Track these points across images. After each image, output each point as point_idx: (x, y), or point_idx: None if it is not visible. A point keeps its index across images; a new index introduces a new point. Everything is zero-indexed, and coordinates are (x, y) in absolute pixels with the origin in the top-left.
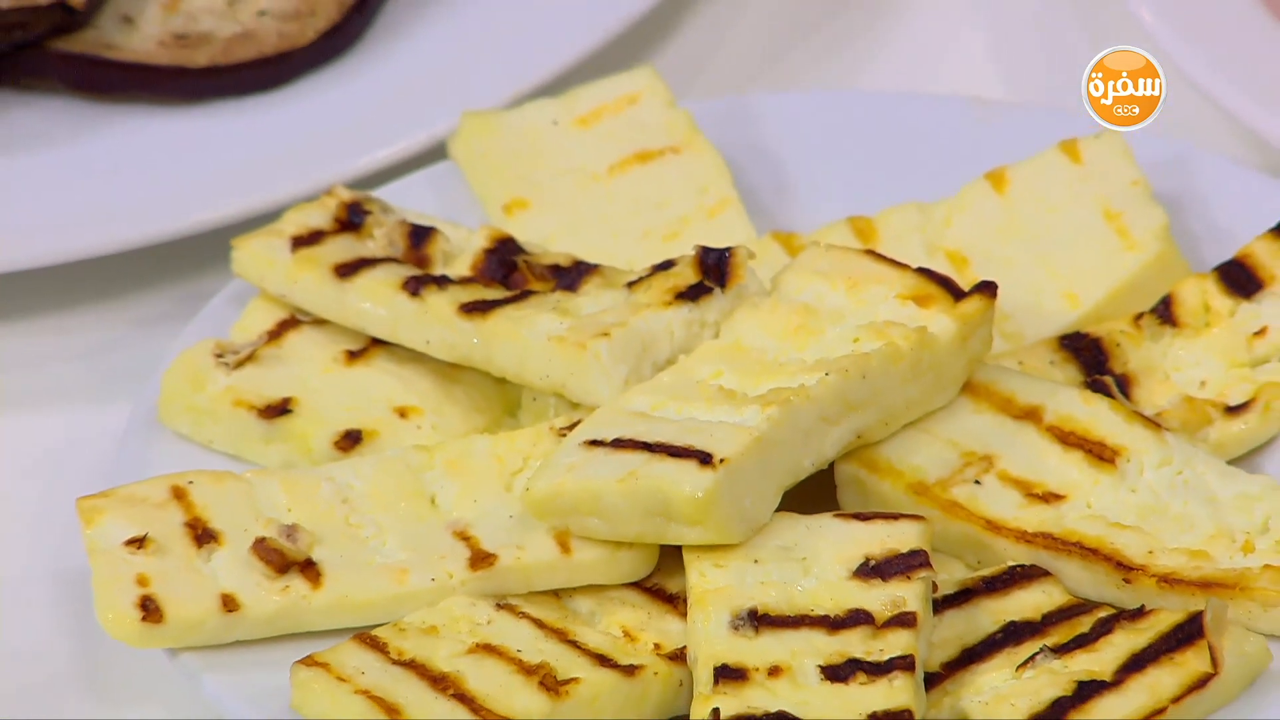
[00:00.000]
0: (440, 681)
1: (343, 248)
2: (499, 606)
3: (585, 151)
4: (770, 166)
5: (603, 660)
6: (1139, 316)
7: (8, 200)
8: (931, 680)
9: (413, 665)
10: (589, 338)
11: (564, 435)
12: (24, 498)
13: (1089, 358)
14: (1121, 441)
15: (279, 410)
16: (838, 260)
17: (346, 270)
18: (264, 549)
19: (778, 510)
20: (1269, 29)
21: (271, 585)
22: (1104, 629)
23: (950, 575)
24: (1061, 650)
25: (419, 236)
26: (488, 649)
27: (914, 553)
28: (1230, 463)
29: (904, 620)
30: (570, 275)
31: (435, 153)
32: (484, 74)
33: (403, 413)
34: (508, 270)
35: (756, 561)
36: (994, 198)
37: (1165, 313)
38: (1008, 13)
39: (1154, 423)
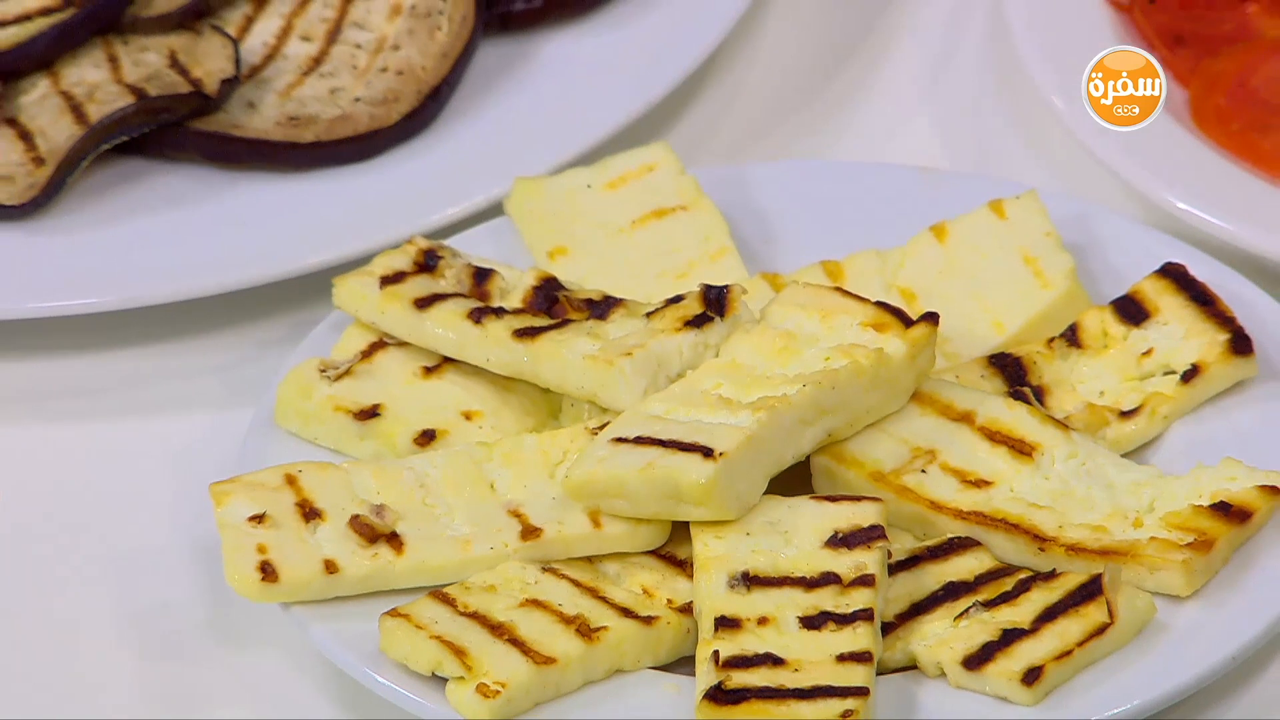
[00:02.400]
0: (498, 629)
1: (420, 285)
2: (544, 570)
3: (612, 209)
4: (759, 221)
5: (626, 612)
6: (1051, 340)
7: (158, 248)
8: (887, 628)
9: (475, 616)
10: (616, 356)
11: (595, 434)
12: (169, 484)
13: (1012, 373)
14: (1038, 439)
15: (370, 414)
16: (813, 295)
17: (423, 303)
18: (358, 524)
19: (765, 493)
20: (1162, 120)
21: (364, 553)
22: (1023, 588)
23: (901, 545)
24: (990, 605)
25: (481, 276)
26: (535, 603)
27: (873, 527)
28: (1123, 456)
29: (865, 581)
30: (601, 307)
31: (494, 210)
32: (532, 148)
33: (468, 416)
34: (551, 303)
35: (748, 534)
36: (936, 246)
37: (1072, 337)
38: (947, 101)
39: (1063, 424)
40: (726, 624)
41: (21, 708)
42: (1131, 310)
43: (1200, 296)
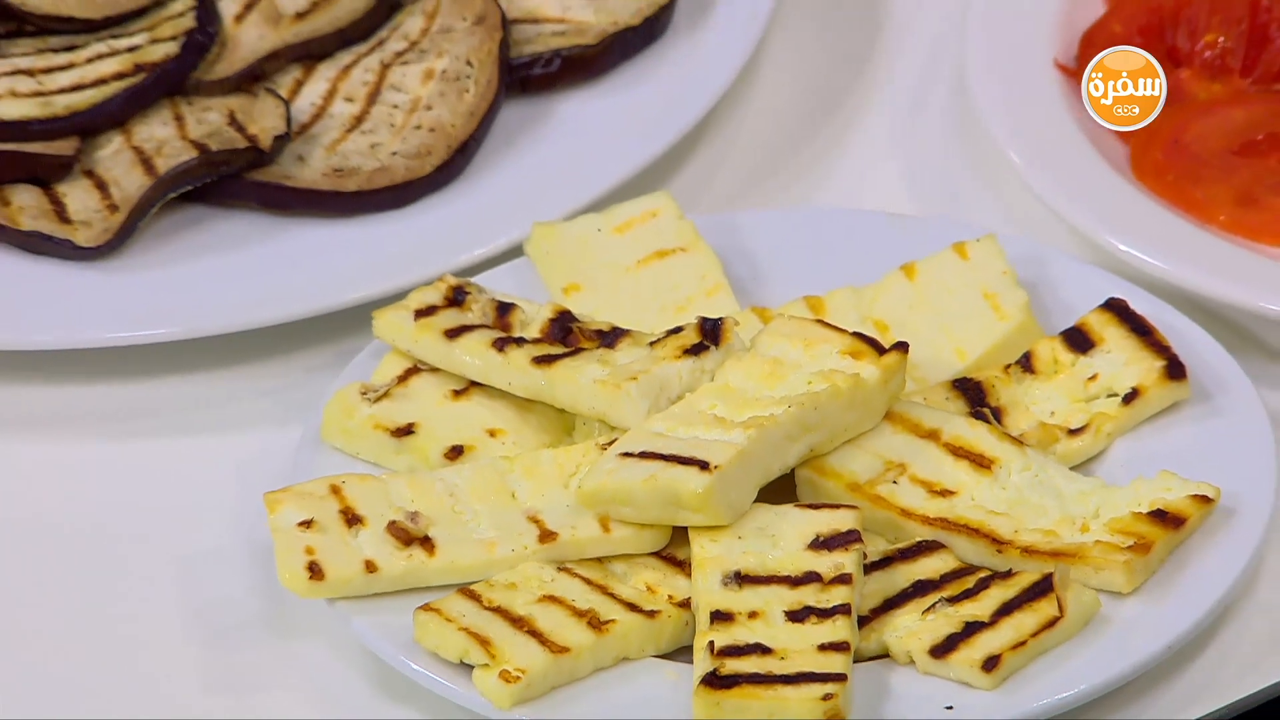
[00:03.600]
0: (518, 622)
1: (450, 318)
2: (559, 569)
3: (620, 251)
4: (749, 262)
5: (632, 607)
6: (1008, 366)
7: (218, 284)
8: (862, 621)
9: (499, 610)
10: (623, 381)
11: (605, 449)
12: (229, 493)
13: (973, 395)
14: (996, 454)
15: (405, 431)
16: (797, 327)
17: (453, 333)
18: (395, 529)
19: (755, 502)
20: (1106, 172)
21: (400, 554)
22: (983, 585)
23: (875, 547)
24: (953, 600)
25: (504, 310)
26: (551, 599)
27: (850, 532)
28: (1071, 469)
29: (843, 579)
30: (610, 337)
31: (515, 252)
32: (548, 197)
33: (492, 433)
34: (565, 334)
35: (740, 538)
36: (906, 283)
37: (1026, 364)
38: (914, 154)
39: (1018, 441)
40: (720, 617)
41: (99, 691)
42: (1079, 340)
43: (1139, 328)
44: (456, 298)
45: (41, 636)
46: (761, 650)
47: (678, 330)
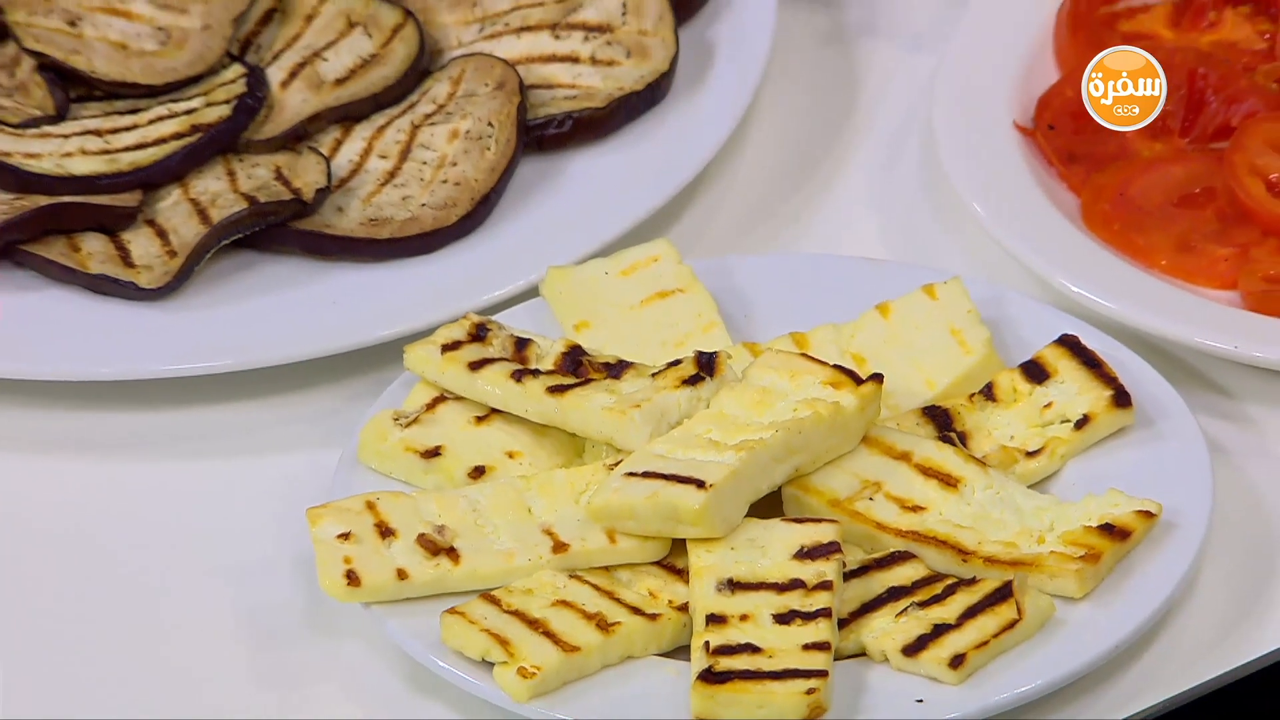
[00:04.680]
0: (534, 624)
1: (473, 352)
2: (571, 577)
3: (625, 291)
4: (741, 301)
5: (636, 611)
6: (972, 395)
7: (266, 322)
8: (841, 623)
9: (516, 613)
10: (628, 408)
11: (612, 469)
12: (275, 508)
13: (941, 422)
14: (961, 474)
15: (433, 453)
16: (783, 360)
17: (476, 366)
18: (424, 540)
19: (746, 516)
20: (1059, 221)
21: (428, 563)
22: (950, 591)
23: (853, 557)
24: (923, 605)
25: (521, 344)
26: (564, 603)
27: (831, 543)
28: (1029, 487)
29: (825, 586)
30: (616, 369)
31: (531, 293)
32: (561, 243)
33: (511, 455)
34: (576, 366)
35: (732, 548)
36: (881, 321)
37: (989, 393)
38: (889, 205)
39: (981, 462)
40: (715, 620)
41: (158, 687)
42: (1035, 372)
43: (1090, 361)
44: (479, 334)
45: (106, 637)
46: (752, 649)
47: (677, 363)
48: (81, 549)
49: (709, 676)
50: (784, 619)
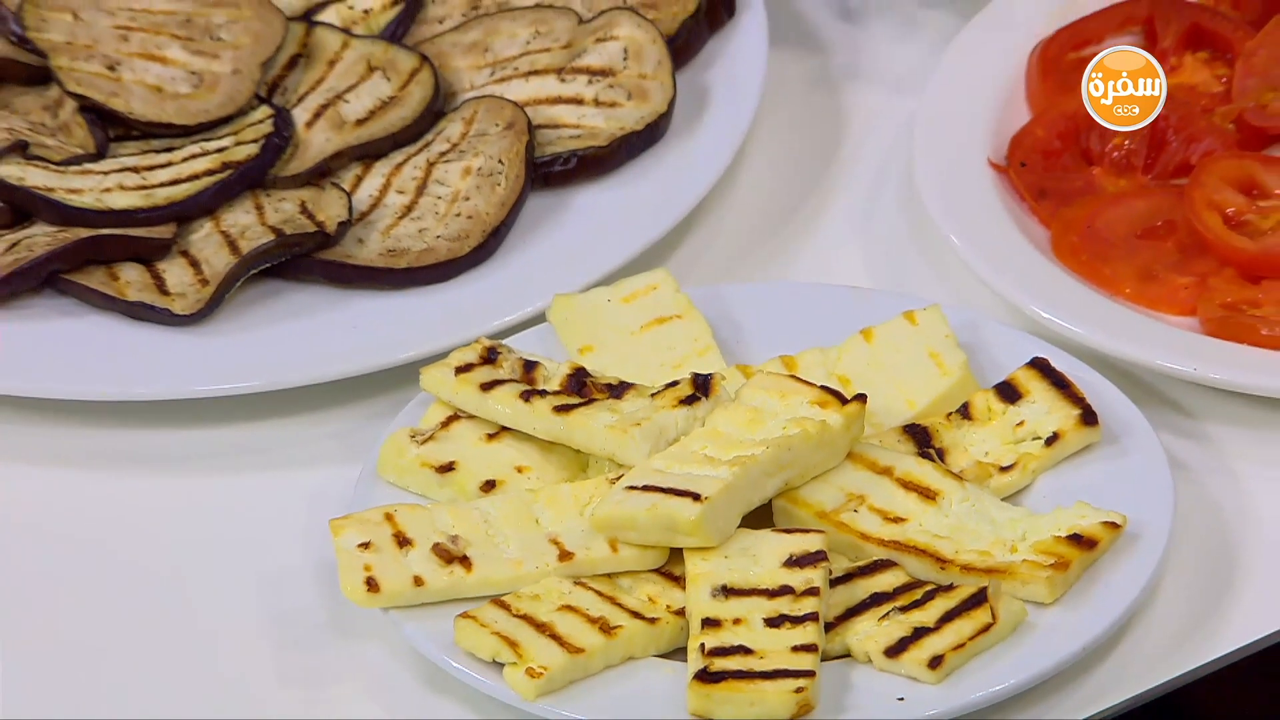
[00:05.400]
0: (541, 627)
1: (484, 373)
2: (575, 583)
3: (626, 317)
4: (734, 327)
5: (636, 615)
6: (949, 414)
7: (291, 345)
8: (828, 627)
9: (525, 617)
10: (629, 426)
11: (614, 483)
12: (300, 519)
13: (920, 439)
14: (940, 487)
15: (447, 468)
16: (774, 381)
17: (487, 386)
18: (439, 549)
19: (739, 527)
20: (1030, 252)
21: (442, 571)
22: (929, 596)
23: (839, 565)
24: (904, 609)
25: (529, 367)
26: (569, 608)
27: (818, 552)
28: (1003, 500)
29: (812, 592)
30: (618, 390)
31: (539, 318)
32: (567, 273)
33: (520, 470)
34: (581, 387)
35: (726, 557)
36: (865, 345)
37: (965, 412)
38: (873, 237)
39: (958, 476)
40: (710, 623)
41: (191, 687)
42: (1008, 392)
43: (1059, 382)
44: (490, 357)
45: (143, 640)
46: (744, 651)
47: (674, 384)
48: (119, 557)
49: (704, 676)
50: (774, 623)
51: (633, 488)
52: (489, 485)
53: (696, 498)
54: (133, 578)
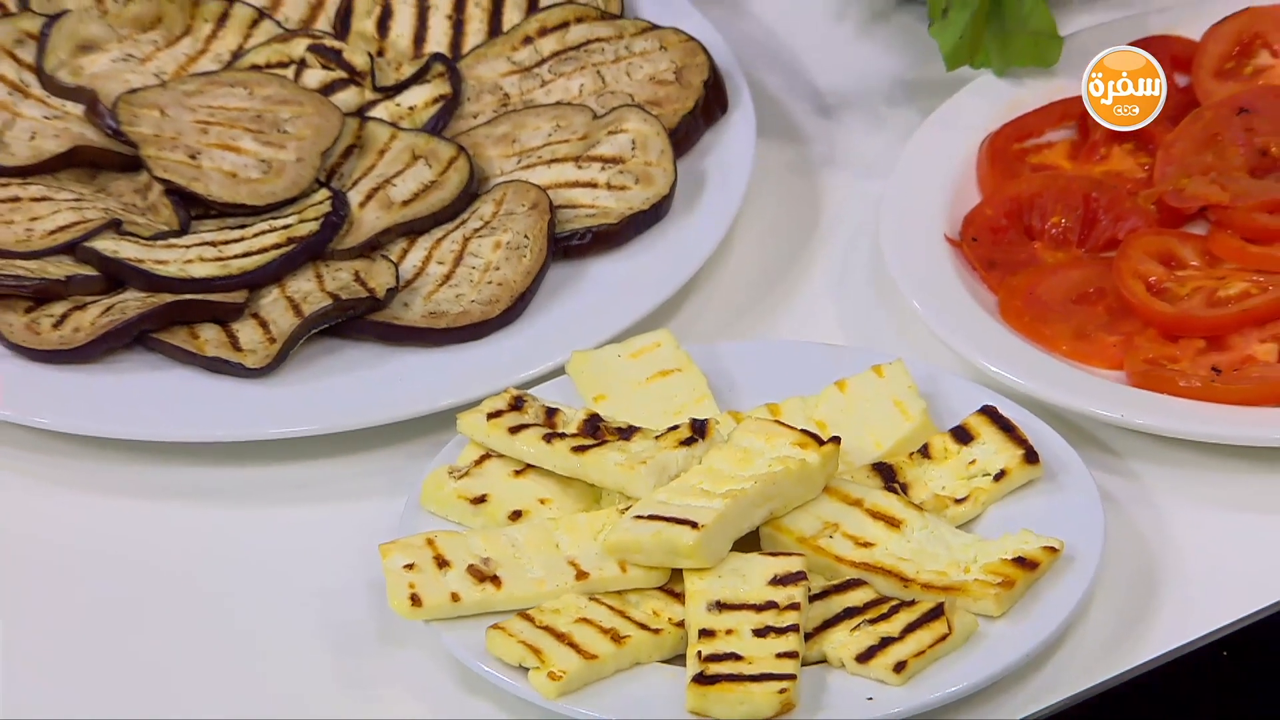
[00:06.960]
0: (561, 636)
1: (512, 419)
2: (590, 599)
3: (634, 371)
4: (727, 379)
5: (643, 626)
6: (911, 454)
7: (346, 394)
8: (807, 637)
9: (547, 628)
10: (636, 464)
11: (623, 513)
12: (354, 544)
13: (887, 475)
14: (903, 517)
15: (480, 500)
16: (761, 425)
17: (515, 430)
18: (473, 570)
19: (731, 550)
20: (981, 315)
21: (476, 589)
22: (894, 610)
23: (817, 584)
24: (873, 621)
25: (551, 413)
26: (585, 620)
27: (799, 573)
28: (958, 528)
29: (794, 606)
30: (627, 433)
31: (559, 372)
32: (583, 332)
33: (543, 502)
34: (595, 430)
35: (720, 576)
36: (839, 394)
37: (925, 452)
38: (846, 301)
39: (919, 507)
40: (706, 633)
41: (256, 692)
42: (962, 435)
43: (1006, 426)
44: (517, 404)
45: (216, 650)
46: (735, 658)
47: (676, 428)
48: (194, 581)
49: (701, 679)
50: (761, 633)
51: (639, 517)
52: (516, 515)
53: (694, 525)
54: (207, 595)
